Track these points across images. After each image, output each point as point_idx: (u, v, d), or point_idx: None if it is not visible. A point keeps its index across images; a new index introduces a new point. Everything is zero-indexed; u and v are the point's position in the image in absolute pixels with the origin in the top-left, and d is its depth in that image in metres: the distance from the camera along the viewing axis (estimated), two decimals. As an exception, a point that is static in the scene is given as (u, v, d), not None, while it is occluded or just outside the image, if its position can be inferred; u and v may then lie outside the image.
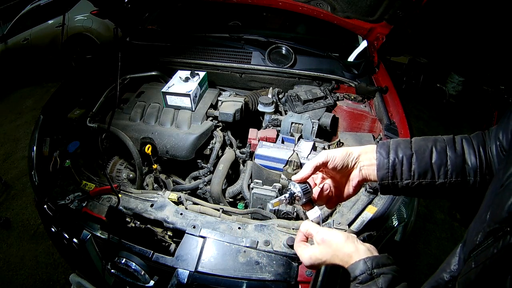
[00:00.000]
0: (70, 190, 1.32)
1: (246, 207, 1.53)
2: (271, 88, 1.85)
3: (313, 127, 1.53)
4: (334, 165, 0.73)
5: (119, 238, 1.15)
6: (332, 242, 0.62)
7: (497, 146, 0.65)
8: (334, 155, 0.72)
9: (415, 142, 0.71)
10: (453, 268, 0.56)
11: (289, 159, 1.35)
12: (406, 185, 0.69)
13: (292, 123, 1.56)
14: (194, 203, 1.29)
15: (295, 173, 1.31)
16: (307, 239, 0.70)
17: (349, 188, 0.78)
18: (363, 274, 0.55)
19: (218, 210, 1.23)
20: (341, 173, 0.76)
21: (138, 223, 1.22)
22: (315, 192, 0.79)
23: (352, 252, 0.59)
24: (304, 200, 0.75)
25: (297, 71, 1.84)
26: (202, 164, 1.64)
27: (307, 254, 0.65)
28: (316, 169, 0.74)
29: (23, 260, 2.36)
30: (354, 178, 0.76)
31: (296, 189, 0.75)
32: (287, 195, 0.76)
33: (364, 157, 0.74)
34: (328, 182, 0.80)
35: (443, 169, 0.67)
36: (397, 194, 0.75)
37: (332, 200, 0.81)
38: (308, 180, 0.76)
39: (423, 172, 0.67)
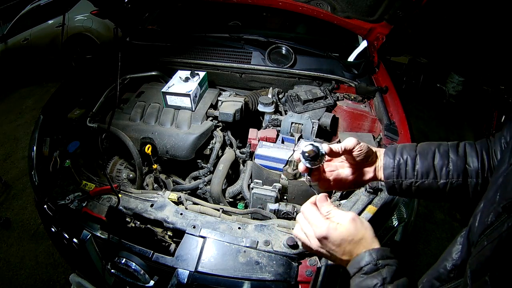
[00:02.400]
0: (70, 190, 1.32)
1: (246, 207, 1.53)
2: (271, 88, 1.85)
3: (313, 127, 1.53)
4: (359, 154, 0.74)
5: (119, 238, 1.15)
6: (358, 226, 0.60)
7: (501, 145, 0.66)
8: (363, 145, 0.73)
9: (420, 145, 0.76)
10: (455, 256, 0.56)
11: (289, 159, 1.35)
12: (410, 184, 0.72)
13: (292, 123, 1.56)
14: (194, 203, 1.29)
15: (295, 173, 1.29)
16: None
17: (355, 181, 0.79)
18: (368, 265, 0.55)
19: (218, 210, 1.23)
20: (355, 166, 0.77)
21: (138, 223, 1.22)
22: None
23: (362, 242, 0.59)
24: (318, 162, 0.70)
25: (297, 71, 1.84)
26: (202, 164, 1.64)
27: (331, 226, 0.59)
28: (344, 152, 0.73)
29: (23, 260, 2.36)
30: (367, 174, 0.78)
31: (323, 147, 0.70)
32: (314, 147, 0.69)
33: (381, 159, 0.77)
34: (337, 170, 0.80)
35: (444, 170, 0.70)
36: (402, 195, 0.76)
37: (329, 184, 0.79)
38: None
39: (425, 172, 0.71)
